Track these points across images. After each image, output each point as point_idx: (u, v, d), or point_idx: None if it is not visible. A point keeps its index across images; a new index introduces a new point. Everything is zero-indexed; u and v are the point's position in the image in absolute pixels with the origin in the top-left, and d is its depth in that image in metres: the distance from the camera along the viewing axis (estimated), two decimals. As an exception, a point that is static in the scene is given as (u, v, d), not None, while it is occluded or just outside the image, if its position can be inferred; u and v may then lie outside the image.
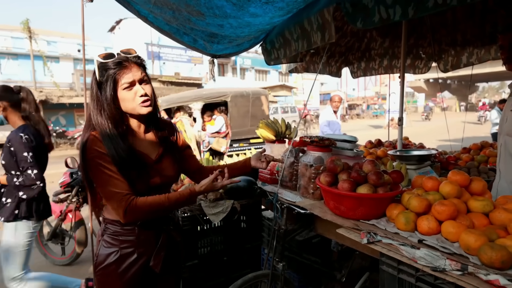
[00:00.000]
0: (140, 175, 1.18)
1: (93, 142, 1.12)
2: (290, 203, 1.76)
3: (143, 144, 1.26)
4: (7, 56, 24.95)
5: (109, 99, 1.13)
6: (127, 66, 1.14)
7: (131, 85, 1.15)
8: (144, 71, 1.20)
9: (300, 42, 2.07)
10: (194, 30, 1.94)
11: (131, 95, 1.16)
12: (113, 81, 1.12)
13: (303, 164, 1.78)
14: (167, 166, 1.30)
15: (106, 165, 1.12)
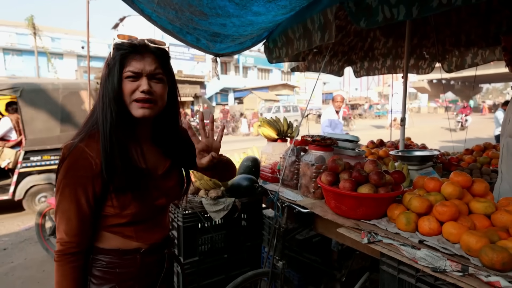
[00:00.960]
0: (139, 197, 0.93)
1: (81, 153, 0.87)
2: (291, 202, 1.76)
3: (148, 155, 1.00)
4: (11, 52, 25.08)
5: (114, 87, 0.88)
6: (141, 52, 0.90)
7: (136, 76, 0.90)
8: (162, 67, 0.95)
9: (302, 41, 2.07)
10: (197, 29, 1.94)
11: (131, 88, 0.90)
12: (120, 64, 0.88)
13: (304, 163, 1.78)
14: (173, 182, 1.07)
15: (78, 191, 0.87)
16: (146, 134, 1.02)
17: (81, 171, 0.86)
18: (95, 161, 0.87)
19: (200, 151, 0.97)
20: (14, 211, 4.62)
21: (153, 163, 1.01)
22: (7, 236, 3.76)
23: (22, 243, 3.58)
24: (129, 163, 0.92)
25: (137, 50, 0.91)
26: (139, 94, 0.90)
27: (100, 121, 0.90)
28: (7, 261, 3.12)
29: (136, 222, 0.96)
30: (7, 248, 3.43)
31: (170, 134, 1.05)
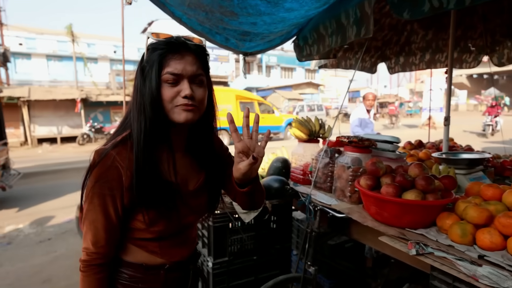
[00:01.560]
0: (166, 215, 0.86)
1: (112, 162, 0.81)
2: (325, 206, 1.67)
3: (180, 167, 0.91)
4: (53, 58, 26.76)
5: (153, 92, 0.79)
6: (180, 51, 0.81)
7: (177, 79, 0.80)
8: (203, 68, 0.86)
9: (335, 37, 1.98)
10: (226, 29, 1.91)
11: (172, 93, 0.80)
12: (158, 65, 0.79)
13: (339, 165, 1.67)
14: (204, 200, 0.98)
15: (108, 201, 0.81)
16: (181, 143, 0.93)
17: (111, 181, 0.80)
18: (126, 172, 0.81)
19: (239, 152, 0.84)
20: (57, 204, 4.86)
21: (184, 176, 0.93)
22: (52, 227, 4.00)
23: (65, 234, 3.78)
24: (160, 180, 0.84)
25: (175, 49, 0.81)
26: (181, 100, 0.80)
27: (135, 131, 0.82)
28: (52, 250, 3.31)
29: (162, 238, 0.90)
30: (51, 238, 3.64)
31: (207, 143, 0.96)
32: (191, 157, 0.96)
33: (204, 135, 0.94)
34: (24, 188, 6.15)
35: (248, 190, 0.91)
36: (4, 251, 3.33)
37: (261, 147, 0.85)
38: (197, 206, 0.95)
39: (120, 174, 0.80)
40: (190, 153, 0.96)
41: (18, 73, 24.33)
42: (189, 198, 0.92)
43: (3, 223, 4.11)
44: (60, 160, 9.27)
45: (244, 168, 0.83)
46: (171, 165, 0.87)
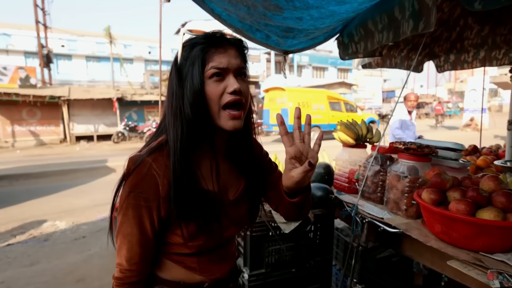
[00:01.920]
0: (206, 228, 0.78)
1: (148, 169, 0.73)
2: (375, 219, 1.52)
3: (223, 175, 0.83)
4: (92, 59, 28.24)
5: (195, 88, 0.72)
6: (222, 43, 0.74)
7: (223, 74, 0.73)
8: (245, 62, 0.79)
9: (386, 33, 1.84)
10: (268, 26, 1.80)
11: (219, 90, 0.73)
12: (201, 61, 0.72)
13: (393, 174, 1.51)
14: (244, 210, 0.88)
15: (143, 213, 0.74)
16: (221, 147, 0.84)
17: (147, 191, 0.73)
18: (162, 181, 0.73)
19: (291, 158, 0.74)
20: (92, 201, 5.03)
21: (225, 184, 0.85)
22: (86, 225, 4.10)
23: (99, 232, 3.86)
24: (200, 190, 0.76)
25: (218, 42, 0.74)
26: (228, 97, 0.73)
27: (171, 138, 0.74)
28: (86, 249, 3.37)
29: (201, 253, 0.82)
30: (86, 236, 3.72)
31: (247, 146, 0.88)
32: (230, 162, 0.88)
33: (244, 137, 0.86)
34: (56, 185, 6.44)
35: (298, 200, 0.81)
36: (41, 247, 3.44)
37: (314, 152, 0.75)
38: (237, 217, 0.86)
39: (156, 183, 0.73)
40: (229, 157, 0.87)
41: (60, 74, 25.88)
42: (230, 208, 0.84)
43: (41, 219, 4.28)
44: (94, 157, 9.65)
45: (297, 176, 0.73)
46: (214, 173, 0.79)
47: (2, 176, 6.83)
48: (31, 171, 7.32)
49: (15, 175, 6.95)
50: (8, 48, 25.29)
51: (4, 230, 3.89)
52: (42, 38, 15.81)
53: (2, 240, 3.62)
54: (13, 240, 3.63)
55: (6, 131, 13.07)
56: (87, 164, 8.24)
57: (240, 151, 0.87)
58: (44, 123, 13.85)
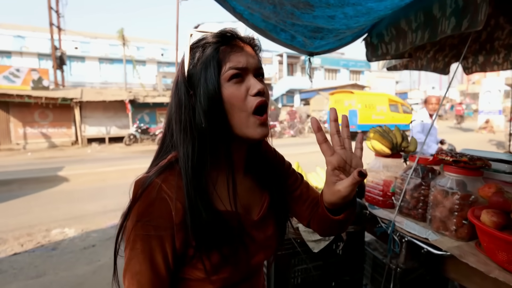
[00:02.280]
0: (232, 257, 0.65)
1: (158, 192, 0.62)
2: (418, 239, 1.35)
3: (241, 192, 0.72)
4: (105, 61, 28.64)
5: (211, 94, 0.61)
6: (238, 43, 0.66)
7: (242, 75, 0.63)
8: (261, 63, 0.69)
9: (420, 32, 1.71)
10: (295, 25, 1.67)
11: (242, 93, 0.63)
12: (217, 62, 0.62)
13: (439, 189, 1.34)
14: (271, 231, 0.76)
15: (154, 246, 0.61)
16: (241, 161, 0.73)
17: (158, 218, 0.61)
18: (175, 205, 0.61)
19: (334, 168, 0.62)
20: (103, 207, 4.96)
21: (247, 203, 0.73)
22: (96, 232, 3.99)
23: (108, 240, 3.74)
24: (220, 212, 0.65)
25: (231, 39, 0.65)
26: (254, 100, 0.63)
27: (181, 157, 0.64)
28: (95, 259, 3.24)
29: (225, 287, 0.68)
30: (95, 245, 3.60)
31: (267, 156, 0.79)
32: (251, 177, 0.77)
33: (259, 148, 0.77)
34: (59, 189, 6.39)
35: (343, 217, 0.69)
36: (49, 257, 3.32)
37: (358, 158, 0.64)
38: (265, 239, 0.74)
39: (168, 208, 0.61)
40: (250, 172, 0.77)
41: (73, 75, 26.30)
42: (255, 229, 0.72)
43: (49, 226, 4.19)
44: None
45: (345, 190, 0.60)
46: (232, 192, 0.68)
47: (13, 180, 6.83)
48: (41, 175, 7.31)
49: (25, 179, 6.94)
50: (22, 50, 25.84)
51: (12, 238, 3.80)
52: (55, 40, 16.01)
53: (9, 249, 3.52)
54: (20, 249, 3.53)
55: (18, 133, 13.22)
56: (98, 168, 8.22)
57: (260, 163, 0.77)
58: (56, 125, 13.96)
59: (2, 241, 3.71)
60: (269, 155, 0.81)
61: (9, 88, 12.41)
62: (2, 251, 3.45)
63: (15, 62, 24.07)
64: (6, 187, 6.31)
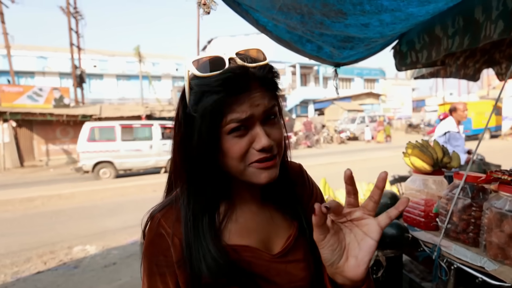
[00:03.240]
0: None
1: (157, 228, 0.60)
2: (471, 267, 1.21)
3: (256, 226, 0.65)
4: (122, 78, 29.54)
5: (202, 147, 0.57)
6: (242, 87, 0.55)
7: (245, 126, 0.56)
8: (275, 95, 0.60)
9: (458, 38, 1.60)
10: (323, 35, 1.59)
11: (242, 147, 0.56)
12: (216, 116, 0.55)
13: (495, 212, 1.20)
14: (299, 265, 0.64)
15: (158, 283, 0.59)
16: (257, 193, 0.66)
17: (158, 255, 0.58)
18: (173, 241, 0.58)
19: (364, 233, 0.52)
20: (123, 222, 4.94)
21: (267, 235, 0.65)
22: (116, 249, 3.96)
23: (129, 258, 3.69)
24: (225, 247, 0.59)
25: (236, 88, 0.54)
26: (256, 155, 0.56)
27: (180, 197, 0.61)
28: (116, 278, 3.19)
29: None
30: (116, 263, 3.56)
31: (286, 185, 0.68)
32: (273, 206, 0.68)
33: (281, 179, 0.64)
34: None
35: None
36: (71, 276, 3.31)
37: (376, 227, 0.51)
38: (288, 277, 0.62)
39: (167, 244, 0.58)
40: (272, 201, 0.68)
41: (92, 92, 27.20)
42: (275, 265, 0.62)
43: (71, 243, 4.20)
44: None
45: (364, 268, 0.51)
46: (240, 225, 0.63)
47: (37, 197, 6.97)
48: (62, 192, 7.44)
49: (48, 196, 7.07)
50: (45, 70, 27.02)
51: (35, 256, 3.82)
52: (75, 60, 16.63)
53: (33, 267, 3.54)
54: (43, 267, 3.53)
55: (40, 150, 13.63)
56: (117, 183, 8.30)
57: (283, 190, 0.68)
58: (76, 142, 14.31)
59: (27, 259, 3.74)
60: (296, 179, 0.73)
61: (32, 107, 12.89)
62: (26, 269, 3.47)
63: (38, 82, 25.14)
64: (32, 203, 6.45)
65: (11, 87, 13.41)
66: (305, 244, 0.66)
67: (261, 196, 0.67)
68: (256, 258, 0.61)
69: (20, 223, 5.21)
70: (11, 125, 12.51)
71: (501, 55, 2.93)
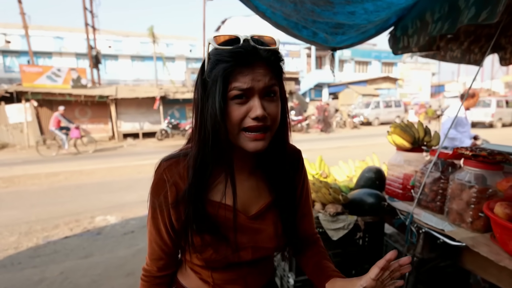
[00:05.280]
0: (214, 243, 0.75)
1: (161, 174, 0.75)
2: (435, 230, 1.40)
3: (246, 190, 0.79)
4: (136, 59, 29.81)
5: (215, 110, 0.67)
6: (249, 61, 0.66)
7: (246, 95, 0.67)
8: (276, 76, 0.70)
9: (441, 23, 1.68)
10: (316, 22, 1.73)
11: (240, 113, 0.67)
12: (223, 81, 0.66)
13: (457, 183, 1.38)
14: (268, 229, 0.80)
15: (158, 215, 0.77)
16: (248, 163, 0.80)
17: (159, 195, 0.75)
18: (170, 187, 0.74)
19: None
20: (140, 197, 5.31)
21: (247, 200, 0.79)
22: (134, 220, 4.31)
23: (145, 227, 4.01)
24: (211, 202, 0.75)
25: (244, 61, 0.66)
26: (250, 122, 0.67)
27: (193, 151, 0.73)
28: (134, 244, 3.54)
29: (214, 269, 0.80)
30: (134, 231, 3.91)
31: (278, 162, 0.80)
32: (261, 177, 0.81)
33: (276, 152, 0.78)
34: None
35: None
36: (95, 241, 3.67)
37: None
38: (256, 236, 0.78)
39: (166, 188, 0.74)
40: (262, 169, 0.81)
41: (108, 73, 27.64)
42: (247, 225, 0.78)
43: (93, 213, 4.58)
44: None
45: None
46: (230, 188, 0.75)
47: (60, 172, 7.46)
48: (84, 168, 7.91)
49: (71, 171, 7.55)
50: (62, 50, 27.53)
51: (62, 223, 4.22)
52: (91, 40, 16.88)
53: (61, 232, 3.92)
54: (69, 233, 3.92)
55: (61, 129, 14.22)
56: (134, 161, 8.71)
57: (269, 166, 0.80)
58: (94, 121, 14.84)
59: (55, 225, 4.13)
60: (292, 161, 0.85)
61: (52, 87, 13.35)
62: (55, 234, 3.86)
63: (55, 62, 25.70)
64: (56, 178, 6.91)
65: (31, 67, 13.77)
66: (276, 214, 0.81)
67: (256, 164, 0.80)
68: (233, 216, 0.75)
69: (46, 195, 5.64)
70: (33, 104, 13.03)
71: (507, 40, 2.96)
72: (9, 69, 25.71)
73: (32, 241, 3.66)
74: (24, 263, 3.12)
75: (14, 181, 6.67)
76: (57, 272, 2.90)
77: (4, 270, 2.98)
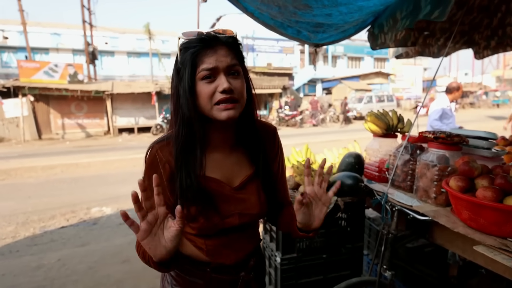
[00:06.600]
0: (204, 212, 0.85)
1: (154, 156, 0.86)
2: (405, 207, 1.56)
3: (229, 164, 0.91)
4: (133, 55, 29.65)
5: (186, 91, 0.79)
6: (212, 46, 0.78)
7: (213, 75, 0.79)
8: (237, 58, 0.83)
9: (405, 20, 1.80)
10: (299, 22, 1.88)
11: (209, 90, 0.79)
12: (191, 65, 0.78)
13: (423, 163, 1.54)
14: (251, 198, 0.92)
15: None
16: (227, 138, 0.91)
17: (155, 173, 0.81)
18: (164, 166, 0.85)
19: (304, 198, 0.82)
20: (136, 188, 5.42)
21: (230, 173, 0.91)
22: (129, 211, 3.99)
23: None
24: (199, 176, 0.84)
25: (208, 45, 0.79)
26: (219, 96, 0.78)
27: (175, 135, 0.84)
28: (130, 233, 3.61)
29: (206, 236, 0.91)
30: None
31: (252, 135, 0.93)
32: (242, 152, 0.94)
33: (248, 127, 0.91)
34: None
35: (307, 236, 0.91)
36: (91, 230, 3.81)
37: (328, 197, 0.84)
38: (241, 205, 0.90)
39: (160, 168, 0.84)
40: (242, 146, 0.94)
41: (104, 69, 27.47)
42: (233, 195, 0.90)
43: (89, 204, 4.70)
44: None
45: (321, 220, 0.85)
46: (212, 162, 0.88)
47: (56, 165, 7.54)
48: (80, 161, 8.00)
49: (67, 164, 7.64)
50: (59, 46, 27.29)
51: (59, 214, 4.34)
52: (88, 36, 16.87)
53: (57, 223, 4.06)
54: (66, 223, 4.05)
55: (57, 124, 14.27)
56: (129, 155, 8.82)
57: (247, 141, 0.93)
58: (90, 116, 14.91)
59: (51, 216, 4.26)
60: (264, 138, 0.97)
61: (49, 82, 13.37)
62: (51, 224, 3.99)
63: (52, 58, 25.49)
64: (52, 171, 7.01)
65: (28, 62, 13.85)
66: (258, 183, 0.93)
67: (236, 141, 0.92)
68: (220, 188, 0.88)
69: (43, 187, 5.75)
70: (29, 99, 13.04)
71: (480, 36, 3.12)
72: (6, 65, 25.49)
73: (29, 231, 3.78)
74: (22, 251, 3.24)
75: (11, 174, 6.77)
76: (54, 259, 3.01)
77: (2, 257, 3.10)
